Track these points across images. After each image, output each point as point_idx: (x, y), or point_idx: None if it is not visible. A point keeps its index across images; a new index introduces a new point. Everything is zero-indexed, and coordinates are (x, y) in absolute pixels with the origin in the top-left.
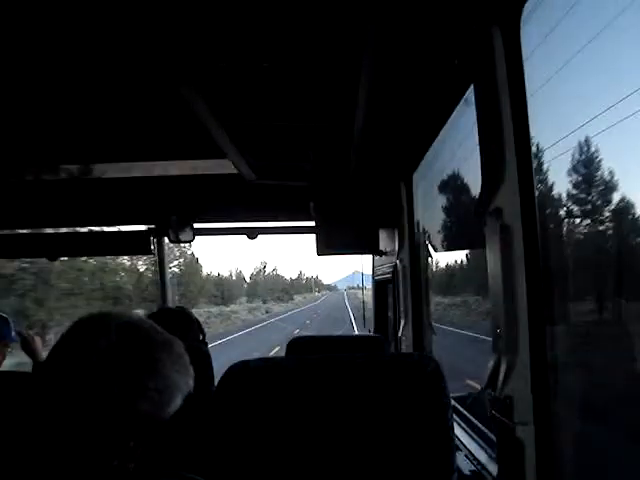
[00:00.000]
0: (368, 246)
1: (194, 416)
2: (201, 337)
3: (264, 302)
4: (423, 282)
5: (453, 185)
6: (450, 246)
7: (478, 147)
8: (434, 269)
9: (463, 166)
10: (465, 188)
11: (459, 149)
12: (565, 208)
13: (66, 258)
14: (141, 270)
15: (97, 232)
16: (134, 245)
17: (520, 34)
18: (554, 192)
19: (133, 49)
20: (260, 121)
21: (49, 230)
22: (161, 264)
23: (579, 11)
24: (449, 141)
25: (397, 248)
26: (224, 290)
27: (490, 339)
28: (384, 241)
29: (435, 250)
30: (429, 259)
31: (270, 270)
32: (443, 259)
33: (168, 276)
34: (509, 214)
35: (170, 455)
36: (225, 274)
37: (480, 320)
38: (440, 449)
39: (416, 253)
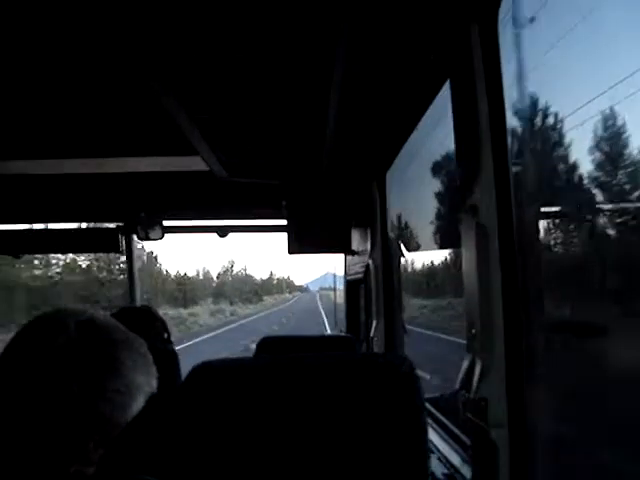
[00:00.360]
0: (340, 245)
1: (159, 418)
2: (166, 336)
3: (231, 304)
4: (395, 282)
5: (427, 184)
6: (423, 245)
7: (453, 145)
8: (407, 269)
9: (437, 165)
10: (439, 187)
11: (433, 147)
12: (542, 206)
13: None
14: (82, 264)
15: (64, 229)
16: (102, 243)
17: (497, 30)
18: (531, 190)
19: (100, 42)
20: (231, 118)
21: (14, 226)
22: (130, 263)
23: (555, 7)
24: (423, 140)
25: (369, 248)
26: (186, 291)
27: (450, 339)
28: (356, 240)
29: (408, 249)
30: (401, 258)
31: (240, 270)
32: (416, 258)
33: (137, 275)
34: (485, 212)
35: (133, 458)
36: (192, 274)
37: (447, 321)
38: (414, 453)
39: (388, 252)
